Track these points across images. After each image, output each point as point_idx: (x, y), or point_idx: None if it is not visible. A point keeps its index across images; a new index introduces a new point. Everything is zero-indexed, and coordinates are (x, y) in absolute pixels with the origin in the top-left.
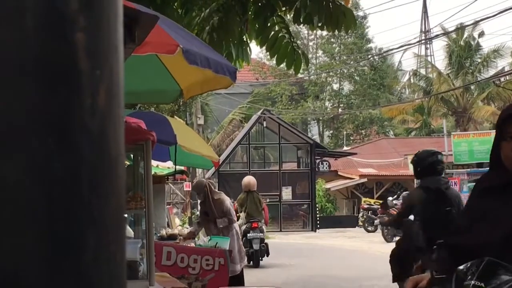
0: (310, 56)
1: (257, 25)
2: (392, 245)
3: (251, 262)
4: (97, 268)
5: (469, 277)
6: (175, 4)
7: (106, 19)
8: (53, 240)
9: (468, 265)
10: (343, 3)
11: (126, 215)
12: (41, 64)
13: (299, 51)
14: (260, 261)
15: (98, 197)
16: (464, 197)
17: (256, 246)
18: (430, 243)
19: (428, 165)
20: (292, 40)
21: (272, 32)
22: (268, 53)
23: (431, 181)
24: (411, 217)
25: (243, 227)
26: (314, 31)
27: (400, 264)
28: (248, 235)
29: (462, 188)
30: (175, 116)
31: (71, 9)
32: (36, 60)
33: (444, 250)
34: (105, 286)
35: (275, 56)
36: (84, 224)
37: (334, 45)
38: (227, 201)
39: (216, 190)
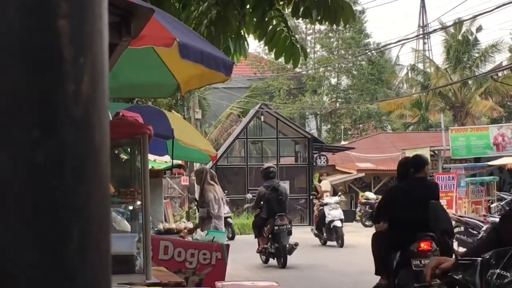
0: (308, 50)
1: (255, 19)
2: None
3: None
4: (82, 257)
5: (494, 265)
6: None
7: (90, 5)
8: (38, 229)
9: (493, 254)
10: None
11: (111, 206)
12: (24, 52)
13: (298, 45)
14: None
15: (82, 185)
16: (461, 192)
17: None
18: (270, 215)
19: (266, 173)
20: (291, 34)
21: (271, 26)
22: (266, 47)
23: (269, 182)
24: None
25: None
26: (312, 26)
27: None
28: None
29: (459, 183)
30: (173, 111)
31: None
32: (19, 47)
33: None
34: (90, 275)
35: (274, 50)
36: (69, 212)
37: (332, 39)
38: (211, 192)
39: (214, 182)
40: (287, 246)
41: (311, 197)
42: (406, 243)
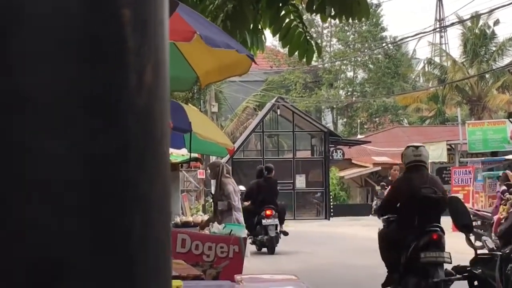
0: (324, 44)
1: (269, 15)
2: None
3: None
4: (144, 246)
5: None
6: None
7: None
8: (99, 219)
9: None
10: None
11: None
12: (87, 41)
13: (312, 41)
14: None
15: (144, 175)
16: (478, 186)
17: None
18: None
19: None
20: (305, 29)
21: (285, 22)
22: (280, 42)
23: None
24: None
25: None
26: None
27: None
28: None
29: (476, 177)
30: (189, 104)
31: None
32: (82, 36)
33: None
34: (150, 264)
35: (288, 46)
36: (130, 202)
37: (348, 33)
38: (231, 185)
39: (228, 175)
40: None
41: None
42: None
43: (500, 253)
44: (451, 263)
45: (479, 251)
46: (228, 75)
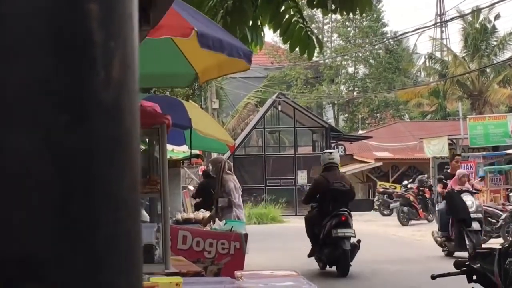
0: (325, 39)
1: (269, 10)
2: (408, 229)
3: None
4: (111, 244)
5: None
6: None
7: None
8: (67, 215)
9: (511, 243)
10: None
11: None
12: (54, 36)
13: (313, 36)
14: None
15: (113, 170)
16: (481, 180)
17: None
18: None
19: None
20: (306, 25)
21: (285, 17)
22: (281, 38)
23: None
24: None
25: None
26: (330, 15)
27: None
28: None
29: (478, 171)
30: (190, 100)
31: None
32: (48, 31)
33: None
34: (120, 261)
35: (289, 42)
36: (99, 198)
37: (349, 28)
38: (231, 182)
39: (230, 172)
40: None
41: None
42: None
43: (499, 247)
44: (355, 237)
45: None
46: (228, 71)
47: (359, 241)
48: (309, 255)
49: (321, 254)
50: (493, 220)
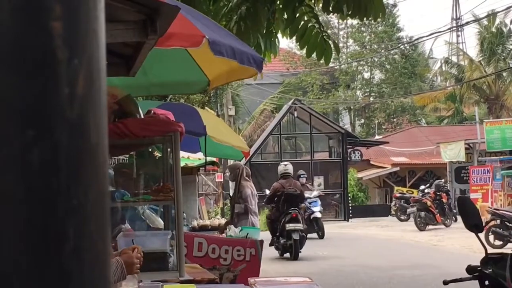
0: (340, 45)
1: (285, 16)
2: (425, 234)
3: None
4: (78, 256)
5: None
6: None
7: (85, 7)
8: (31, 231)
9: None
10: None
11: (110, 202)
12: (17, 53)
13: (330, 41)
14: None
15: (77, 186)
16: (497, 185)
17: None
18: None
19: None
20: (322, 30)
21: (302, 23)
22: (297, 44)
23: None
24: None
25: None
26: (345, 20)
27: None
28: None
29: (495, 175)
30: (206, 107)
31: None
32: (12, 49)
33: None
34: (86, 274)
35: (305, 47)
36: (63, 213)
37: (364, 33)
38: (249, 188)
39: (248, 178)
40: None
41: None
42: None
43: (511, 253)
44: (303, 229)
45: (496, 250)
46: (237, 78)
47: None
48: (270, 245)
49: (278, 244)
50: (510, 224)
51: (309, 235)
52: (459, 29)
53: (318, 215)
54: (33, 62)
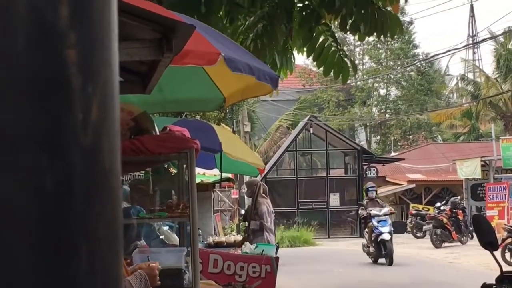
0: (356, 62)
1: (302, 34)
2: (441, 251)
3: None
4: (91, 280)
5: None
6: (220, 13)
7: (99, 35)
8: (45, 253)
9: None
10: (389, 9)
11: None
12: (33, 80)
13: (346, 60)
14: None
15: (91, 209)
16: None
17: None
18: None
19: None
20: (339, 48)
21: (319, 42)
22: (314, 62)
23: None
24: None
25: None
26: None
27: None
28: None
29: (511, 192)
30: (222, 124)
31: (62, 26)
32: (28, 76)
33: None
34: None
35: (323, 66)
36: (77, 236)
37: (380, 50)
38: (265, 206)
39: (265, 195)
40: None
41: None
42: None
43: None
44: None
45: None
46: (252, 95)
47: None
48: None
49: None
50: None
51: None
52: (475, 46)
53: (387, 236)
54: (48, 89)
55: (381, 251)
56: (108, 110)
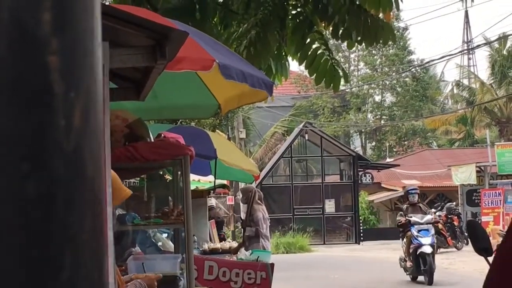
0: (351, 68)
1: (295, 41)
2: (437, 257)
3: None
4: (73, 286)
5: None
6: (214, 19)
7: (81, 41)
8: (27, 260)
9: None
10: (381, 16)
11: (111, 231)
12: (14, 87)
13: (338, 68)
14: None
15: (73, 216)
16: (508, 208)
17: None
18: None
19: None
20: (331, 56)
21: (311, 49)
22: (306, 70)
23: None
24: None
25: None
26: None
27: None
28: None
29: (506, 198)
30: (217, 130)
31: (44, 32)
32: (9, 82)
33: None
34: None
35: (314, 74)
36: (59, 243)
37: (375, 57)
38: (260, 212)
39: (261, 202)
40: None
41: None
42: None
43: None
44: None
45: None
46: (248, 101)
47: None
48: None
49: None
50: None
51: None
52: (470, 52)
53: (428, 249)
54: (30, 96)
55: (419, 267)
56: (91, 116)
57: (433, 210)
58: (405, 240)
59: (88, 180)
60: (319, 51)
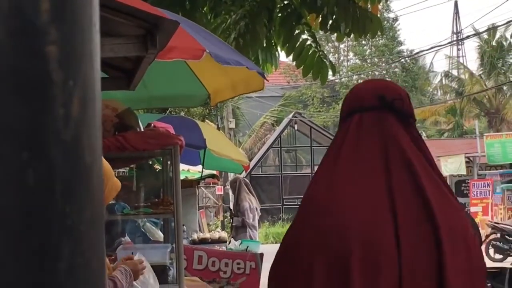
0: (341, 58)
1: (283, 33)
2: None
3: None
4: (72, 275)
5: None
6: (204, 9)
7: (80, 30)
8: (25, 250)
9: None
10: (369, 9)
11: (103, 222)
12: (13, 76)
13: (326, 61)
14: None
15: (72, 205)
16: (497, 198)
17: None
18: None
19: None
20: (319, 49)
21: (299, 41)
22: (294, 62)
23: None
24: None
25: None
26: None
27: None
28: None
29: (495, 189)
30: (207, 120)
31: (42, 21)
32: (8, 71)
33: None
34: None
35: (302, 66)
36: (58, 232)
37: (365, 47)
38: (247, 202)
39: (249, 192)
40: None
41: None
42: None
43: (510, 267)
44: None
45: (498, 264)
46: (242, 92)
47: None
48: None
49: None
50: (510, 238)
51: None
52: (460, 43)
53: None
54: (28, 84)
55: None
56: (89, 104)
57: None
58: None
59: (87, 169)
60: (307, 43)
